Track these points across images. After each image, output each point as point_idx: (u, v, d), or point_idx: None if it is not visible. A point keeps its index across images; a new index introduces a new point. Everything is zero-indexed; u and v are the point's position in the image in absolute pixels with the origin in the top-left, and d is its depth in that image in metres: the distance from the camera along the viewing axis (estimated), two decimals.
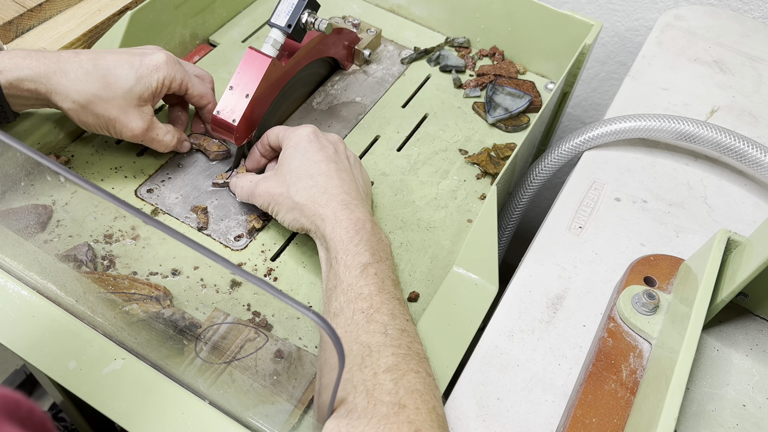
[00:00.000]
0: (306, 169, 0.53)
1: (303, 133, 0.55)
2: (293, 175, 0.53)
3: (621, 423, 0.44)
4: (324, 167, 0.53)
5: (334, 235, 0.49)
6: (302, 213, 0.52)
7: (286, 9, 0.58)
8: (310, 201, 0.51)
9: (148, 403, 0.44)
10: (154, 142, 0.59)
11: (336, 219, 0.50)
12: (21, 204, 0.56)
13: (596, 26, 0.71)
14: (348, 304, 0.46)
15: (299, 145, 0.55)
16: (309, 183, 0.52)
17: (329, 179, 0.53)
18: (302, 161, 0.54)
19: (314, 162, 0.53)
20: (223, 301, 0.53)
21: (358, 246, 0.49)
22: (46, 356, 0.46)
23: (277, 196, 0.54)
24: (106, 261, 0.54)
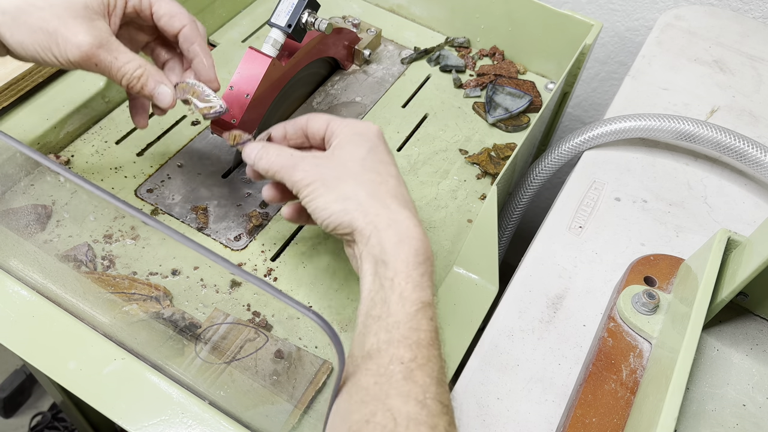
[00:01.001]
0: (374, 165, 0.44)
1: (374, 128, 0.47)
2: (358, 165, 0.44)
3: (621, 423, 0.44)
4: (394, 171, 0.45)
5: (399, 253, 0.40)
6: (359, 207, 0.42)
7: (286, 9, 0.58)
8: (375, 199, 0.42)
9: (147, 403, 0.44)
10: (112, 72, 0.46)
11: (408, 233, 0.41)
12: (21, 204, 0.56)
13: (596, 26, 0.71)
14: (388, 346, 0.37)
15: (369, 138, 0.46)
16: (377, 179, 0.44)
17: (399, 186, 0.44)
18: (371, 155, 0.45)
19: (384, 162, 0.45)
20: (223, 301, 0.53)
21: (423, 277, 0.40)
22: (46, 356, 0.46)
23: (329, 179, 0.43)
24: (106, 261, 0.54)
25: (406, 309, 0.38)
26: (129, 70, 0.46)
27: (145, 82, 0.47)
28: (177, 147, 0.64)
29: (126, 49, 0.46)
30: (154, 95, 0.48)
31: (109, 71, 0.45)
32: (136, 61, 0.46)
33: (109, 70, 0.45)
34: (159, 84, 0.47)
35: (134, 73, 0.46)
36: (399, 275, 0.39)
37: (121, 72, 0.46)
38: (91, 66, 0.45)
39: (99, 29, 0.45)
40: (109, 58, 0.45)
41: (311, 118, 0.48)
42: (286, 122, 0.49)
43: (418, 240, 0.41)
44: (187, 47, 0.49)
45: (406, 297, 0.38)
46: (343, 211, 0.42)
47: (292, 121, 0.49)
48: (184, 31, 0.48)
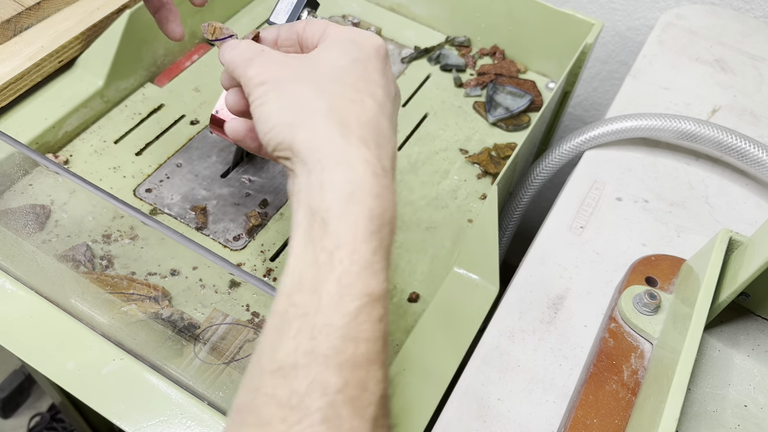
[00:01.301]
0: (355, 79, 0.34)
1: (376, 40, 0.37)
2: (332, 72, 0.34)
3: (622, 424, 0.44)
4: (380, 95, 0.34)
5: (346, 213, 0.29)
6: (309, 123, 0.32)
7: (285, 8, 0.57)
8: (335, 120, 0.32)
9: (146, 404, 0.44)
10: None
11: (364, 184, 0.30)
12: (19, 204, 0.56)
13: (597, 25, 0.70)
14: (310, 362, 0.26)
15: (363, 48, 0.36)
16: (349, 95, 0.33)
17: (378, 114, 0.33)
18: (357, 66, 0.35)
19: (370, 81, 0.35)
20: (222, 302, 0.52)
21: (375, 255, 0.29)
22: (45, 357, 0.46)
23: (286, 81, 0.34)
24: (105, 261, 0.54)
25: (345, 305, 0.27)
26: None
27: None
28: (176, 146, 0.64)
29: None
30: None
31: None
32: None
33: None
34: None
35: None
36: (342, 248, 0.28)
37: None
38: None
39: None
40: None
41: (310, 22, 0.39)
42: (282, 24, 0.42)
43: (376, 197, 0.30)
44: None
45: (346, 286, 0.28)
46: (287, 124, 0.32)
47: (288, 24, 0.41)
48: None
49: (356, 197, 0.29)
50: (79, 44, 0.67)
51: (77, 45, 0.67)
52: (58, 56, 0.65)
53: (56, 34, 0.66)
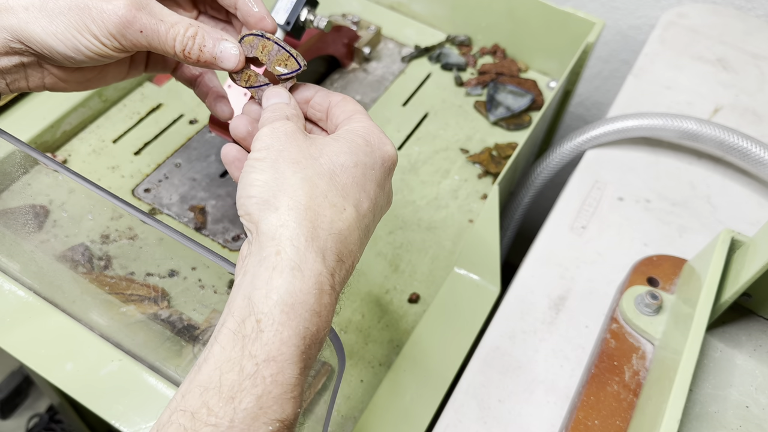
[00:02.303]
0: (346, 183, 0.34)
1: (388, 150, 0.36)
2: (329, 167, 0.33)
3: (624, 425, 0.44)
4: (365, 207, 0.34)
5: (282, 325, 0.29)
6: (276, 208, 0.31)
7: (285, 6, 0.57)
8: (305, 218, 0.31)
9: (145, 405, 0.43)
10: (160, 37, 0.37)
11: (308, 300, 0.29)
12: (18, 204, 0.56)
13: (598, 24, 0.70)
14: None
15: (372, 154, 0.35)
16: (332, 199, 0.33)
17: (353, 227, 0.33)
18: (356, 171, 0.34)
19: (363, 190, 0.34)
20: (221, 302, 0.52)
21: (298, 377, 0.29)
22: (43, 358, 0.45)
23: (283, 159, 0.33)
24: (103, 261, 0.53)
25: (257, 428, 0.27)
26: (180, 30, 0.37)
27: (202, 41, 0.38)
28: (175, 146, 0.64)
29: (170, 11, 0.38)
30: (216, 56, 0.38)
31: (158, 37, 0.37)
32: (186, 20, 0.38)
33: (157, 37, 0.37)
34: (220, 41, 0.38)
35: (187, 33, 0.38)
36: (269, 365, 0.28)
37: (171, 35, 0.37)
38: (137, 36, 0.37)
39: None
40: (153, 21, 0.37)
41: (345, 100, 0.39)
42: (320, 88, 0.41)
43: (316, 315, 0.29)
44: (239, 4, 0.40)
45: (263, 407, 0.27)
46: (262, 200, 0.32)
47: (326, 91, 0.40)
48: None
49: (297, 311, 0.29)
50: None
51: None
52: None
53: None
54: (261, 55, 0.39)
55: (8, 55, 0.38)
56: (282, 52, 0.39)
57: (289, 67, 0.40)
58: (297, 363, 0.29)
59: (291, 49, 0.39)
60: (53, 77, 0.41)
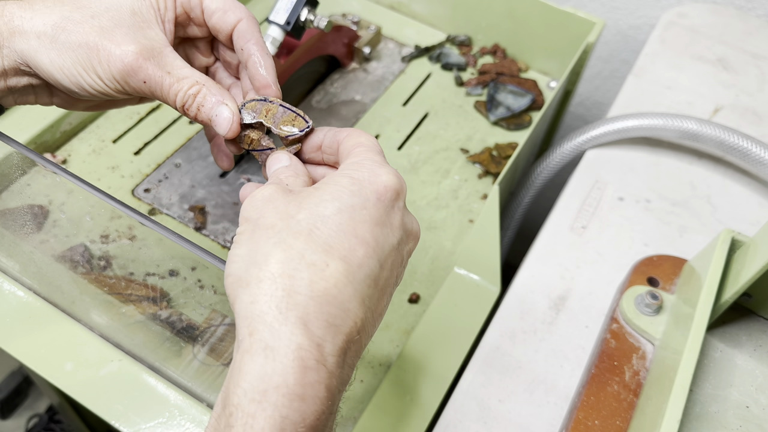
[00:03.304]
0: (329, 236, 0.29)
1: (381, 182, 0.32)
2: (308, 221, 0.30)
3: (624, 425, 0.43)
4: (359, 255, 0.29)
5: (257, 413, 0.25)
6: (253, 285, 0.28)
7: (285, 6, 0.57)
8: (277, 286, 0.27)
9: (144, 405, 0.43)
10: (163, 90, 0.36)
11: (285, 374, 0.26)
12: (17, 204, 0.56)
13: (599, 24, 0.70)
14: None
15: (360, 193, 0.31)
16: (310, 257, 0.29)
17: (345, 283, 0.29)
18: (339, 217, 0.30)
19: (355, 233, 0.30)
20: (221, 303, 0.52)
21: None
22: (43, 358, 0.45)
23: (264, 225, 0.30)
24: (103, 262, 0.53)
25: None
26: (183, 87, 0.36)
27: (201, 101, 0.37)
28: (174, 146, 0.64)
29: (183, 63, 0.37)
30: (211, 119, 0.37)
31: (160, 90, 0.36)
32: (194, 76, 0.37)
33: (159, 89, 0.36)
34: (219, 104, 0.37)
35: (189, 90, 0.36)
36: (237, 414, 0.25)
37: (174, 89, 0.36)
38: (140, 85, 0.36)
39: (149, 38, 0.36)
40: (159, 73, 0.36)
41: (352, 134, 0.36)
42: (329, 128, 0.38)
43: (297, 399, 0.26)
44: (242, 45, 0.39)
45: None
46: (237, 278, 0.29)
47: (335, 130, 0.37)
48: (239, 26, 0.39)
49: (270, 398, 0.25)
50: None
51: None
52: None
53: None
54: (266, 119, 0.38)
55: (18, 76, 0.38)
56: (288, 113, 0.38)
57: (297, 125, 0.38)
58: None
59: (296, 109, 0.38)
60: (61, 99, 0.40)
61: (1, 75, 0.37)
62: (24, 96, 0.39)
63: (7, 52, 0.36)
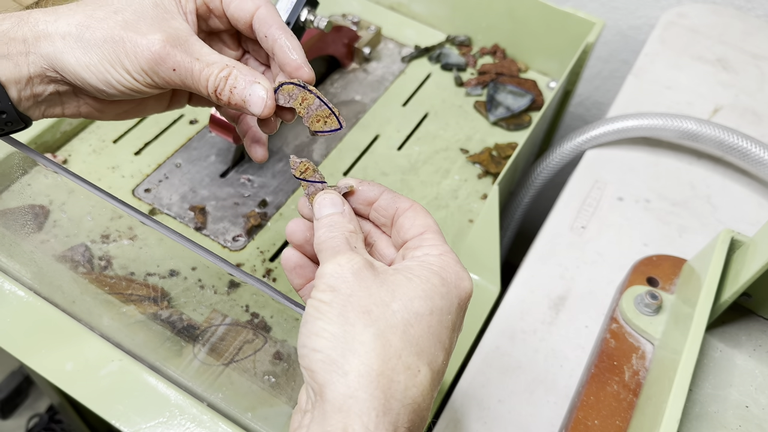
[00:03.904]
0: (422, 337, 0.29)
1: (465, 287, 0.32)
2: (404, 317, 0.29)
3: (624, 425, 0.44)
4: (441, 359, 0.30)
5: None
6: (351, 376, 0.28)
7: (285, 6, 0.57)
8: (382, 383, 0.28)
9: (145, 405, 0.43)
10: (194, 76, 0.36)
11: None
12: (18, 204, 0.56)
13: (598, 24, 0.70)
14: None
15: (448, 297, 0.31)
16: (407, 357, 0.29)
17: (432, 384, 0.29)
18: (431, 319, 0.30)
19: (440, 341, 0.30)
20: (221, 303, 0.52)
21: None
22: (43, 358, 0.45)
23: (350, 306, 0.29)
24: (103, 261, 0.53)
25: None
26: (214, 71, 0.36)
27: (233, 83, 0.36)
28: (175, 146, 0.64)
29: (211, 50, 0.37)
30: (245, 99, 0.37)
31: (191, 76, 0.36)
32: (223, 61, 0.37)
33: (190, 75, 0.36)
34: (252, 84, 0.36)
35: (220, 74, 0.36)
36: None
37: (204, 74, 0.36)
38: (170, 74, 0.36)
39: (174, 27, 0.36)
40: (188, 60, 0.36)
41: (416, 211, 0.35)
42: (385, 189, 0.36)
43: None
44: (265, 32, 0.38)
45: None
46: (329, 360, 0.28)
47: (392, 193, 0.36)
48: (258, 13, 0.38)
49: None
50: None
51: None
52: None
53: None
54: (300, 107, 0.37)
55: (44, 83, 0.37)
56: (323, 108, 0.37)
57: (328, 125, 0.37)
58: None
59: (332, 106, 0.37)
60: (89, 107, 0.40)
61: (27, 82, 0.36)
62: (51, 107, 0.39)
63: (33, 58, 0.36)
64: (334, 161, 0.65)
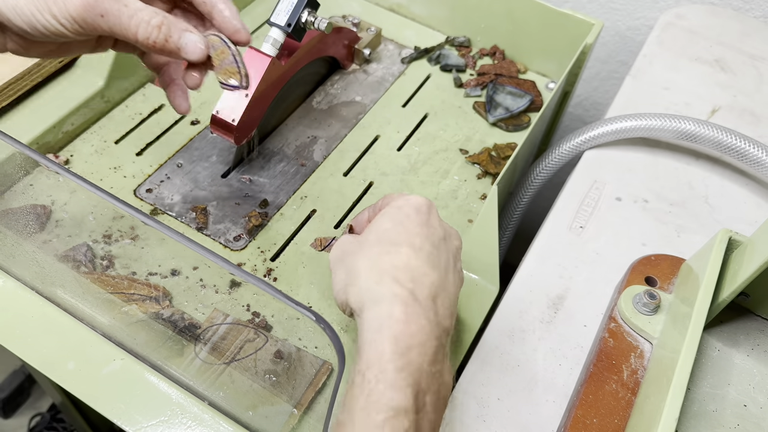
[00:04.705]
0: (393, 236, 0.39)
1: (414, 200, 0.42)
2: (373, 235, 0.40)
3: (622, 423, 0.44)
4: (417, 242, 0.39)
5: (375, 341, 0.34)
6: (353, 282, 0.38)
7: (285, 8, 0.57)
8: (373, 272, 0.37)
9: (147, 403, 0.44)
10: (123, 23, 0.37)
11: (390, 315, 0.35)
12: (20, 204, 0.56)
13: (597, 25, 0.70)
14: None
15: (402, 209, 0.41)
16: (385, 249, 0.38)
17: (413, 256, 0.38)
18: (395, 225, 0.40)
19: (409, 232, 0.39)
20: (222, 302, 0.52)
21: (400, 373, 0.33)
22: (45, 357, 0.46)
23: (346, 256, 0.41)
24: (105, 261, 0.54)
25: (372, 418, 0.31)
26: (144, 17, 0.37)
27: (167, 32, 0.38)
28: (176, 147, 0.64)
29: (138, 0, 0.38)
30: (180, 47, 0.39)
31: (119, 24, 0.37)
32: (150, 8, 0.38)
33: (119, 23, 0.37)
34: (184, 32, 0.39)
35: (152, 21, 0.38)
36: (371, 369, 0.33)
37: (134, 21, 0.37)
38: (98, 21, 0.37)
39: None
40: (116, 6, 0.37)
41: (387, 198, 0.44)
42: (370, 207, 0.47)
43: (400, 323, 0.34)
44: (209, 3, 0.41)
45: (373, 401, 0.32)
46: (341, 290, 0.39)
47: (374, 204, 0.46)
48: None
49: (384, 326, 0.34)
50: None
51: None
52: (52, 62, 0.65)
53: None
54: (216, 58, 0.41)
55: None
56: (233, 65, 0.41)
57: (232, 82, 0.42)
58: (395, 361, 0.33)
59: (243, 68, 0.41)
60: (14, 44, 0.40)
61: None
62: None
63: None
64: (334, 161, 0.65)
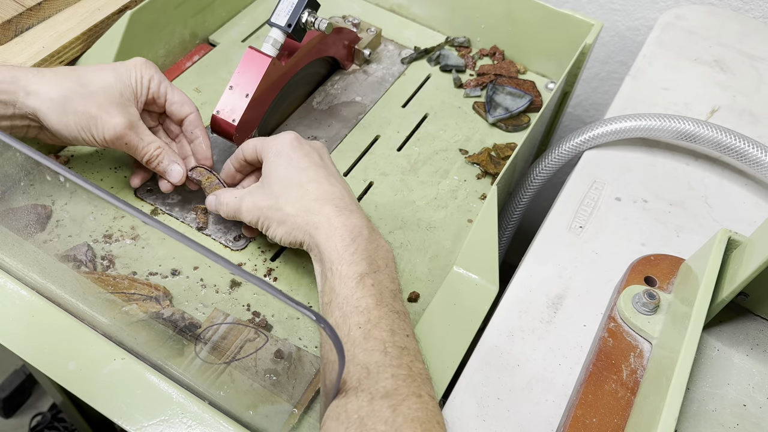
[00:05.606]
0: (294, 178, 0.50)
1: (285, 140, 0.52)
2: (280, 185, 0.50)
3: (621, 423, 0.44)
4: (312, 174, 0.50)
5: (328, 244, 0.46)
6: (294, 225, 0.49)
7: (286, 8, 0.58)
8: (302, 210, 0.49)
9: (147, 403, 0.44)
10: (138, 150, 0.54)
11: (330, 226, 0.47)
12: (21, 204, 0.56)
13: (597, 26, 0.71)
14: (344, 319, 0.44)
15: (282, 153, 0.52)
16: (299, 192, 0.49)
17: (319, 185, 0.50)
18: (288, 169, 0.51)
19: (301, 169, 0.51)
20: (222, 302, 0.53)
21: (354, 255, 0.46)
22: (46, 356, 0.46)
23: (265, 210, 0.50)
24: (106, 261, 0.54)
25: (348, 285, 0.44)
26: (151, 149, 0.55)
27: (161, 160, 0.56)
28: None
29: (149, 132, 0.55)
30: (166, 171, 0.56)
31: (135, 149, 0.54)
32: (157, 142, 0.55)
33: (135, 149, 0.54)
34: (172, 163, 0.56)
35: (154, 152, 0.55)
36: (334, 262, 0.46)
37: (144, 151, 0.55)
38: (121, 145, 0.53)
39: (131, 114, 0.54)
40: (136, 139, 0.54)
41: (244, 147, 0.55)
42: (230, 158, 0.57)
43: (341, 227, 0.47)
44: (191, 130, 0.58)
45: (344, 276, 0.45)
46: (287, 233, 0.50)
47: (233, 155, 0.56)
48: (190, 117, 0.58)
49: (331, 234, 0.47)
50: (80, 45, 0.67)
51: (78, 45, 0.67)
52: (59, 56, 0.65)
53: (57, 35, 0.66)
54: (205, 181, 0.57)
55: (22, 119, 0.53)
56: (219, 185, 0.56)
57: None
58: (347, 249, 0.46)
59: (223, 182, 0.57)
60: (46, 137, 0.56)
61: (10, 118, 0.53)
62: (16, 130, 0.54)
63: (20, 105, 0.52)
64: (335, 161, 0.65)
